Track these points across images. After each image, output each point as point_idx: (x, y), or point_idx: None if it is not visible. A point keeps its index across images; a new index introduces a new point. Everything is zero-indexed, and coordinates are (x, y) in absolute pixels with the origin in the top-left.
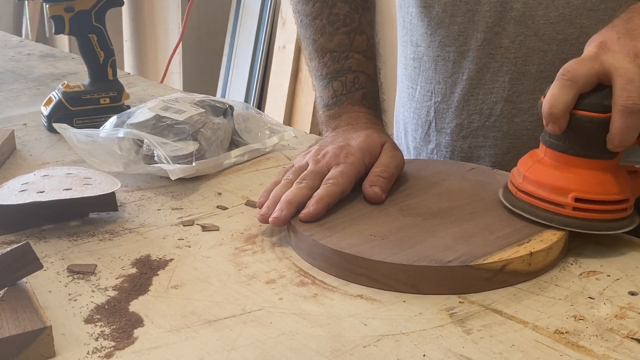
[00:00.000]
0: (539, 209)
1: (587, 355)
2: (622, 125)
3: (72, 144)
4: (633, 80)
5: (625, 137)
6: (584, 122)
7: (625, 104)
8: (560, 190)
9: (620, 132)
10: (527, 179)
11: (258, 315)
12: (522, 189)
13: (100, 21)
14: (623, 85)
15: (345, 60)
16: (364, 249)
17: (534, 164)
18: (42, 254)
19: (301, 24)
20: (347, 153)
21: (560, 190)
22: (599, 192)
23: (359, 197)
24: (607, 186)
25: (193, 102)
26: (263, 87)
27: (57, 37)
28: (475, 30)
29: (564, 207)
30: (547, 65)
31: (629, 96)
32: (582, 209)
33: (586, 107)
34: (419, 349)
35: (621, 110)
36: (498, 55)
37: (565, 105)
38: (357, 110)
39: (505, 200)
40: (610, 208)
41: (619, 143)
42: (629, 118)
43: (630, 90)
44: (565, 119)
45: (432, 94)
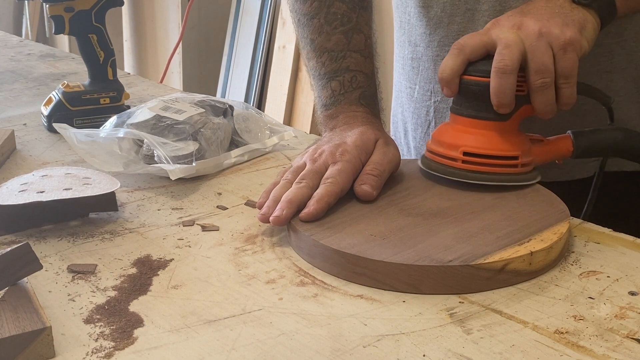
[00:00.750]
0: (437, 163)
1: (587, 355)
2: (496, 84)
3: (72, 144)
4: (509, 46)
5: (501, 96)
6: (471, 85)
7: (498, 66)
8: (452, 146)
9: (495, 91)
10: (433, 140)
11: (258, 315)
12: (429, 149)
13: (100, 21)
14: (500, 51)
15: (343, 59)
16: (365, 249)
17: (440, 127)
18: (42, 254)
19: (298, 24)
20: (343, 151)
21: (452, 146)
22: (485, 147)
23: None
24: (495, 143)
25: (193, 102)
26: (263, 87)
27: (57, 37)
28: (474, 29)
29: (455, 160)
30: None
31: (502, 59)
32: (470, 162)
33: (473, 72)
34: (419, 349)
35: (495, 72)
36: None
37: (452, 70)
38: (354, 109)
39: (421, 162)
40: (497, 162)
41: (497, 102)
42: (502, 78)
43: (504, 54)
44: (454, 83)
45: (432, 93)
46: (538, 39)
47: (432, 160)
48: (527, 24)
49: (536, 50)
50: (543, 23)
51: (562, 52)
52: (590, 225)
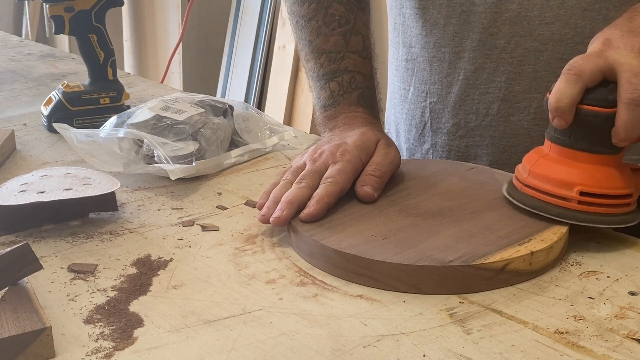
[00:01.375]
0: (544, 202)
1: (587, 355)
2: (627, 118)
3: (72, 144)
4: (638, 74)
5: (630, 130)
6: (590, 116)
7: (630, 97)
8: (565, 184)
9: (625, 124)
10: (532, 174)
11: (258, 315)
12: (528, 183)
13: (100, 21)
14: (628, 79)
15: (342, 60)
16: (365, 249)
17: (539, 159)
18: (42, 254)
19: (296, 26)
20: (343, 151)
21: (565, 184)
22: (603, 186)
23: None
24: (612, 180)
25: (193, 102)
26: (263, 87)
27: (57, 37)
28: (470, 31)
29: (569, 200)
30: (542, 65)
31: (634, 89)
32: (587, 203)
33: (592, 101)
34: (419, 349)
35: (627, 103)
36: (494, 56)
37: (571, 99)
38: (353, 110)
39: (510, 195)
40: (615, 202)
41: (625, 136)
42: (635, 111)
43: (635, 83)
44: (571, 113)
45: (427, 94)
46: None
47: (534, 197)
48: None
49: None
50: None
51: None
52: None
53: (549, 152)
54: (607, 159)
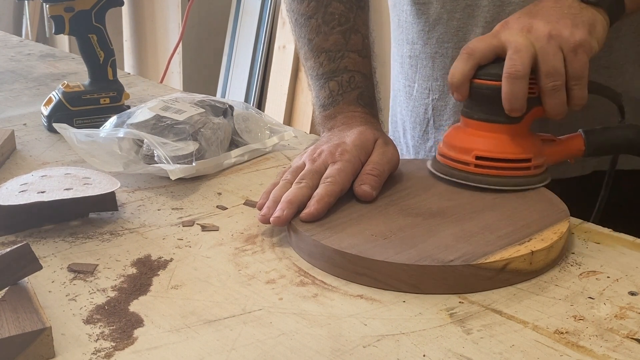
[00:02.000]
0: (449, 167)
1: (587, 355)
2: (508, 89)
3: (72, 144)
4: (519, 50)
5: (513, 101)
6: (482, 89)
7: (509, 71)
8: (464, 150)
9: (507, 96)
10: (444, 143)
11: (258, 315)
12: (441, 152)
13: (100, 21)
14: (510, 55)
15: (341, 59)
16: (366, 249)
17: (451, 130)
18: (42, 254)
19: (296, 23)
20: (342, 150)
21: (464, 150)
22: (497, 151)
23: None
24: (507, 146)
25: (193, 102)
26: (263, 87)
27: (57, 37)
28: (474, 25)
29: (468, 164)
30: None
31: (513, 64)
32: (483, 166)
33: (483, 76)
34: (419, 349)
35: (506, 77)
36: None
37: (462, 75)
38: (352, 110)
39: (430, 165)
40: (510, 166)
41: (509, 107)
42: (514, 84)
43: (515, 59)
44: (464, 87)
45: (430, 91)
46: (548, 41)
47: (443, 164)
48: (537, 26)
49: (547, 53)
50: (552, 25)
51: (572, 54)
52: (590, 225)
53: (460, 125)
54: (505, 128)
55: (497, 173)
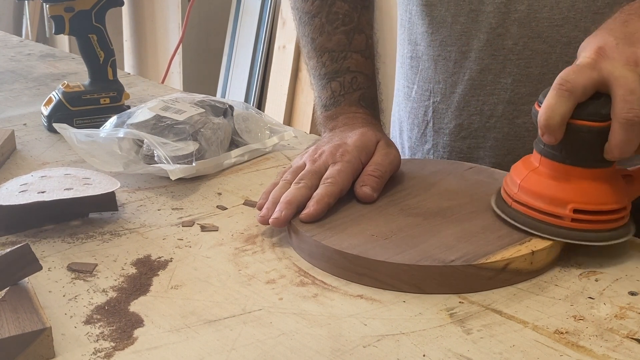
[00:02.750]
0: (536, 220)
1: (587, 355)
2: (623, 137)
3: (72, 144)
4: (634, 91)
5: (625, 149)
6: (582, 132)
7: (626, 116)
8: (558, 201)
9: (620, 144)
10: (522, 189)
11: (258, 315)
12: (518, 199)
13: (100, 21)
14: (624, 97)
15: (344, 60)
16: (367, 249)
17: (529, 174)
18: (42, 254)
19: (300, 22)
20: (343, 151)
21: (558, 201)
22: (597, 202)
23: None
24: (605, 196)
25: (193, 102)
26: (263, 87)
27: (57, 37)
28: (478, 30)
29: (562, 218)
30: (550, 67)
31: (630, 108)
32: (580, 220)
33: (584, 116)
34: (419, 349)
35: (622, 123)
36: (501, 57)
37: (562, 117)
38: (354, 110)
39: (501, 210)
40: (609, 218)
41: (619, 155)
42: (630, 130)
43: (631, 101)
44: (561, 130)
45: (431, 93)
46: None
47: (525, 215)
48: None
49: None
50: None
51: None
52: None
53: (539, 166)
54: (600, 173)
55: (594, 227)
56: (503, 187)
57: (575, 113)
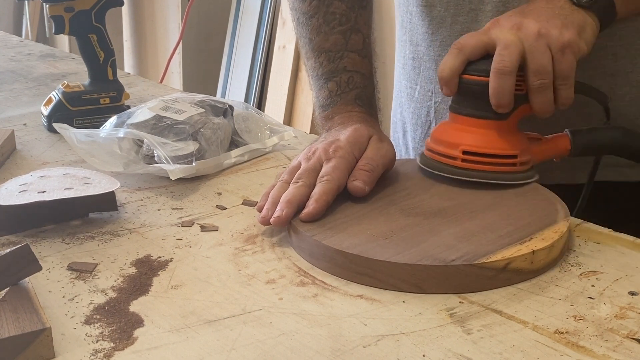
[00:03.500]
0: (436, 161)
1: (587, 355)
2: (495, 85)
3: (72, 144)
4: (508, 47)
5: (500, 97)
6: (470, 84)
7: (497, 67)
8: (452, 145)
9: (494, 92)
10: (432, 138)
11: (258, 315)
12: (428, 147)
13: (100, 21)
14: (499, 51)
15: (340, 60)
16: (367, 249)
17: (439, 126)
18: (42, 255)
19: (298, 22)
20: (335, 147)
21: (452, 145)
22: (485, 146)
23: (358, 197)
24: (494, 142)
25: (193, 102)
26: (263, 87)
27: (57, 37)
28: (478, 29)
29: (455, 159)
30: None
31: (501, 60)
32: (470, 161)
33: (472, 72)
34: (419, 349)
35: (494, 72)
36: None
37: (451, 70)
38: (350, 110)
39: (419, 160)
40: (497, 161)
41: (496, 102)
42: (501, 79)
43: (503, 55)
44: (453, 82)
45: (433, 93)
46: (537, 40)
47: (431, 158)
48: (527, 24)
49: (535, 51)
50: (542, 24)
51: (560, 53)
52: (590, 225)
53: (448, 120)
54: (492, 124)
55: (483, 168)
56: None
57: (466, 70)
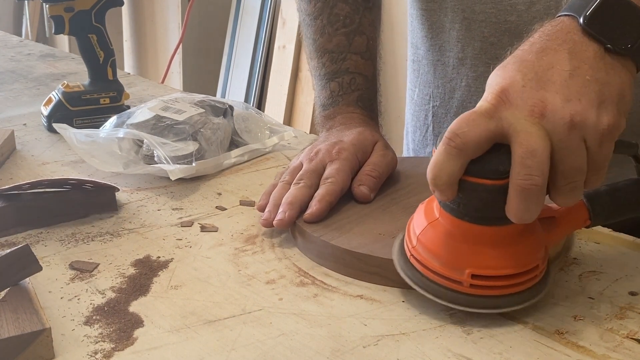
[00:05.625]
0: (433, 283)
1: (587, 355)
2: (519, 206)
3: (72, 144)
4: (534, 153)
5: (524, 218)
6: (478, 190)
7: (523, 185)
8: (455, 265)
9: (518, 212)
10: (420, 243)
11: (258, 315)
12: (415, 255)
13: (100, 21)
14: (522, 160)
15: (343, 61)
16: (376, 248)
17: (427, 227)
18: (42, 255)
19: (303, 23)
20: (339, 149)
21: (455, 265)
22: (499, 265)
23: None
24: (510, 257)
25: (193, 102)
26: (263, 87)
27: (57, 37)
28: (471, 38)
29: (460, 283)
30: None
31: (527, 174)
32: (480, 286)
33: (479, 174)
34: (419, 349)
35: (518, 191)
36: (495, 65)
37: (450, 177)
38: (351, 111)
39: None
40: (513, 282)
41: (518, 221)
42: (528, 200)
43: (530, 167)
44: (451, 190)
45: (431, 97)
46: (569, 133)
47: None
48: (553, 107)
49: (566, 148)
50: (574, 106)
51: (597, 146)
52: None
53: (439, 218)
54: (505, 231)
55: (497, 293)
56: (406, 231)
57: (470, 169)
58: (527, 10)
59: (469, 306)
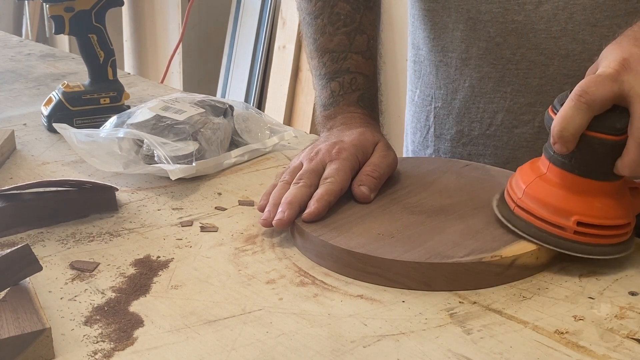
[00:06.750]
0: (537, 228)
1: (587, 355)
2: (636, 157)
3: (72, 144)
4: None
5: (637, 170)
6: (595, 144)
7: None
8: (562, 212)
9: (633, 163)
10: (527, 195)
11: (258, 315)
12: (521, 205)
13: (100, 21)
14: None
15: (344, 61)
16: (375, 248)
17: (535, 180)
18: (42, 255)
19: (303, 22)
20: (339, 149)
21: (562, 212)
22: (602, 216)
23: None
24: (611, 210)
25: (193, 102)
26: (263, 87)
27: (57, 37)
28: (476, 38)
29: (564, 229)
30: (548, 79)
31: None
32: (583, 233)
33: (599, 129)
34: (419, 349)
35: (638, 144)
36: (500, 66)
37: (577, 129)
38: (352, 110)
39: (502, 214)
40: (612, 233)
41: (630, 173)
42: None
43: None
44: (575, 142)
45: (432, 98)
46: None
47: (527, 221)
48: None
49: None
50: None
51: None
52: None
53: (547, 173)
54: (609, 186)
55: (596, 241)
56: (507, 189)
57: (590, 124)
58: (535, 9)
59: (571, 250)
